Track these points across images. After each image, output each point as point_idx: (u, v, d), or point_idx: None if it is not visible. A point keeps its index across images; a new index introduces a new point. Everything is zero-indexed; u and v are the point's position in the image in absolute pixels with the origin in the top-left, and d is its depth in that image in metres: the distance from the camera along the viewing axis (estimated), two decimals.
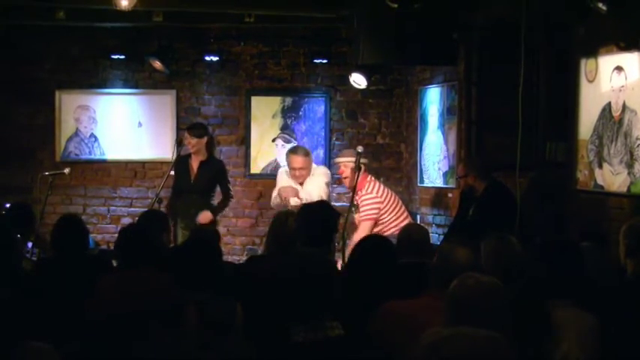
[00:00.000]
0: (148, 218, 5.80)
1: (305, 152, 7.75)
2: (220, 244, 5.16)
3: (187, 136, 7.77)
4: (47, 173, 7.97)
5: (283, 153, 8.47)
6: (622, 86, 6.05)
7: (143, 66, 9.50)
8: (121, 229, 5.06)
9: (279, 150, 9.41)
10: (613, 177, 6.15)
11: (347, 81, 8.86)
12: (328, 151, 9.61)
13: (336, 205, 7.87)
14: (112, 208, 9.67)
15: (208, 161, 7.81)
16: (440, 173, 8.60)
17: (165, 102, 9.61)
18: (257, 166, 9.70)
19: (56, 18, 8.17)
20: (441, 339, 2.21)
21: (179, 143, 7.97)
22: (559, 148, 7.00)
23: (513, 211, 6.08)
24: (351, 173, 7.31)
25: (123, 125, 9.58)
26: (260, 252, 8.75)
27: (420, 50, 7.30)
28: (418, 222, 8.50)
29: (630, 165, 5.95)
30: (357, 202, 7.46)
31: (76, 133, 9.56)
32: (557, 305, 3.71)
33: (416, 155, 9.17)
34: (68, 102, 9.54)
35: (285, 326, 3.19)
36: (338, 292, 3.26)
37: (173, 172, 7.87)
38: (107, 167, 9.64)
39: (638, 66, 5.88)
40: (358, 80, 8.58)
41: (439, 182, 8.64)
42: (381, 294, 3.93)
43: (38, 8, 8.33)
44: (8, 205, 7.00)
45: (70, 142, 9.55)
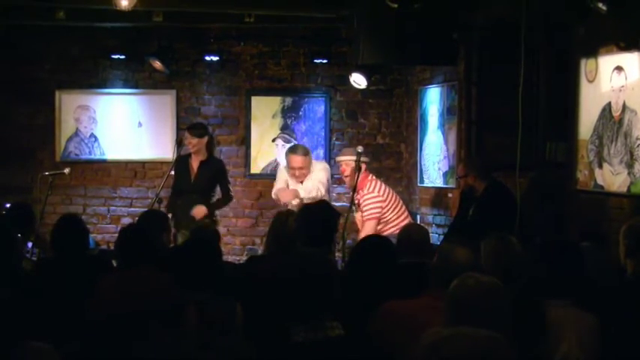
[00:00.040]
0: (148, 218, 5.80)
1: (304, 151, 7.75)
2: (220, 244, 5.17)
3: (188, 136, 7.76)
4: (47, 173, 7.96)
5: (283, 153, 8.47)
6: (622, 86, 6.05)
7: (143, 66, 9.50)
8: (121, 229, 5.05)
9: (279, 150, 9.41)
10: (613, 177, 6.14)
11: (347, 81, 8.85)
12: (328, 151, 9.61)
13: (336, 205, 7.88)
14: (112, 208, 9.67)
15: (208, 161, 7.81)
16: (440, 173, 8.59)
17: (165, 102, 9.61)
18: (257, 166, 9.70)
19: (56, 18, 8.16)
20: (441, 339, 2.21)
21: (179, 143, 7.96)
22: (559, 148, 7.00)
23: (513, 211, 6.08)
24: (352, 172, 7.31)
25: (123, 125, 9.58)
26: (260, 252, 8.75)
27: (420, 50, 7.29)
28: (418, 222, 8.50)
29: (630, 165, 5.95)
30: (358, 202, 7.45)
31: (76, 133, 9.56)
32: (557, 305, 3.71)
33: (416, 155, 9.17)
34: (68, 102, 9.54)
35: (285, 326, 3.19)
36: (338, 292, 3.26)
37: (173, 172, 7.87)
38: (107, 167, 9.64)
39: (638, 66, 5.87)
40: (358, 80, 8.57)
41: (439, 182, 8.64)
42: (381, 294, 3.93)
43: (38, 8, 8.33)
44: (8, 205, 7.00)
45: (70, 142, 9.55)
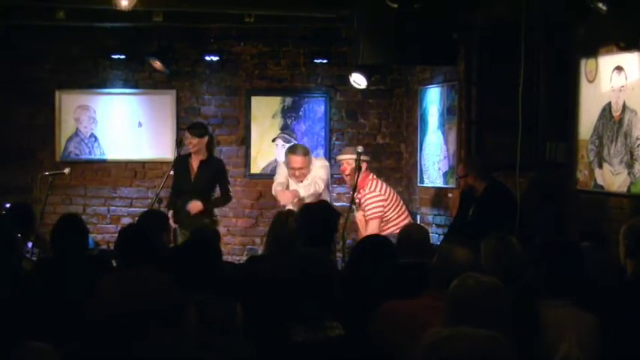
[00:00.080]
0: (148, 218, 5.81)
1: (304, 151, 7.73)
2: (220, 244, 5.17)
3: (188, 136, 7.75)
4: (47, 173, 7.96)
5: (283, 153, 8.46)
6: (622, 86, 6.05)
7: (143, 66, 9.50)
8: (121, 229, 5.05)
9: (279, 150, 9.40)
10: (613, 177, 6.14)
11: (347, 81, 8.85)
12: (328, 151, 9.61)
13: (336, 205, 7.89)
14: (112, 208, 9.67)
15: (208, 161, 7.80)
16: (440, 173, 8.59)
17: (165, 102, 9.61)
18: (257, 166, 9.70)
19: (56, 18, 8.16)
20: (441, 339, 2.21)
21: (179, 143, 7.95)
22: (559, 148, 7.00)
23: (513, 211, 6.08)
24: (353, 171, 7.31)
25: (123, 125, 9.58)
26: (260, 252, 8.75)
27: (420, 50, 7.29)
28: (418, 222, 8.50)
29: (630, 165, 5.95)
30: (359, 201, 7.46)
31: (76, 133, 9.56)
32: (557, 305, 3.72)
33: (416, 155, 9.17)
34: (68, 102, 9.54)
35: (285, 326, 3.18)
36: (338, 292, 3.26)
37: (172, 172, 7.86)
38: (107, 167, 9.64)
39: (638, 66, 5.87)
40: (358, 80, 8.57)
41: (439, 182, 8.63)
42: (381, 294, 3.93)
43: (38, 8, 8.33)
44: (8, 205, 7.00)
45: (70, 142, 9.55)
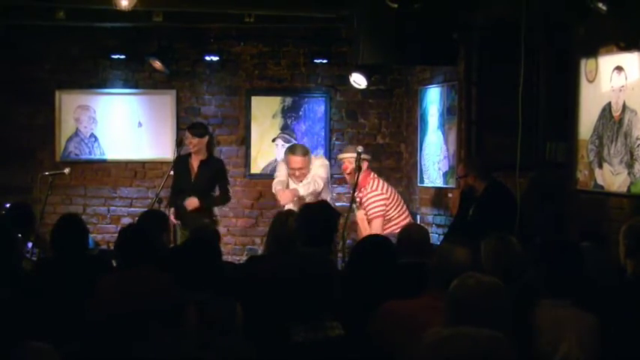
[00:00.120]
0: (148, 218, 5.81)
1: (304, 152, 7.71)
2: (220, 244, 5.17)
3: (189, 136, 7.75)
4: (47, 173, 7.96)
5: (283, 153, 8.46)
6: (622, 86, 6.05)
7: (143, 66, 9.50)
8: (121, 229, 5.05)
9: (279, 150, 9.40)
10: (613, 177, 6.14)
11: (347, 81, 8.85)
12: (328, 151, 9.60)
13: (336, 205, 7.88)
14: (112, 208, 9.67)
15: (208, 160, 7.80)
16: (440, 173, 8.59)
17: (165, 102, 9.61)
18: (257, 166, 9.70)
19: (56, 18, 8.16)
20: (442, 339, 2.21)
21: (179, 143, 7.95)
22: (559, 148, 7.00)
23: (513, 211, 6.08)
24: (354, 170, 7.31)
25: (123, 125, 9.57)
26: (260, 252, 8.75)
27: (420, 50, 7.29)
28: (418, 222, 8.50)
29: (630, 165, 5.95)
30: (360, 200, 7.46)
31: (76, 133, 9.56)
32: (557, 305, 3.72)
33: (416, 155, 9.17)
34: (68, 102, 9.54)
35: (285, 326, 3.18)
36: (338, 292, 3.26)
37: (172, 172, 7.86)
38: (107, 167, 9.64)
39: (638, 66, 5.87)
40: (358, 80, 8.57)
41: (439, 182, 8.63)
42: (381, 294, 3.93)
43: (38, 8, 8.32)
44: (8, 205, 7.00)
45: (70, 142, 9.55)
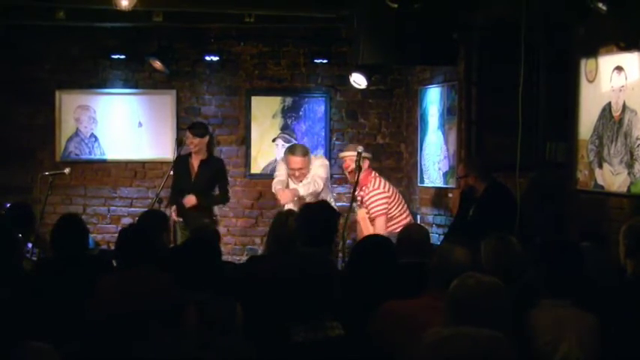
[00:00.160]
0: (148, 218, 5.81)
1: (303, 152, 7.70)
2: (220, 244, 5.17)
3: (189, 136, 7.74)
4: (47, 173, 7.96)
5: (283, 153, 8.46)
6: (622, 86, 6.05)
7: (143, 66, 9.50)
8: (121, 229, 5.05)
9: (279, 150, 9.40)
10: (613, 177, 6.14)
11: (347, 81, 8.85)
12: (328, 151, 9.60)
13: (337, 205, 7.88)
14: (112, 208, 9.67)
15: (209, 160, 7.80)
16: (440, 173, 8.59)
17: (165, 102, 9.61)
18: (257, 166, 9.70)
19: (56, 18, 8.16)
20: (442, 339, 2.21)
21: (179, 143, 7.95)
22: (559, 148, 7.00)
23: (513, 212, 6.08)
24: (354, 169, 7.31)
25: (123, 125, 9.58)
26: (260, 252, 8.76)
27: (420, 50, 7.29)
28: (418, 222, 8.50)
29: (630, 165, 5.95)
30: (362, 198, 7.47)
31: (76, 133, 9.56)
32: (557, 305, 3.72)
33: (416, 155, 9.17)
34: (68, 102, 9.54)
35: (285, 326, 3.18)
36: (338, 292, 3.26)
37: (172, 172, 7.85)
38: (107, 167, 9.64)
39: (638, 66, 5.87)
40: (358, 80, 8.57)
41: (439, 182, 8.64)
42: (381, 294, 3.93)
43: (38, 8, 8.32)
44: (8, 205, 7.00)
45: (70, 142, 9.55)
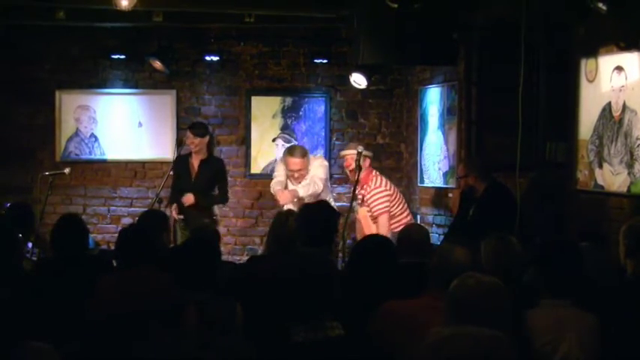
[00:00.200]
0: (148, 218, 5.81)
1: (302, 153, 7.66)
2: (220, 244, 5.17)
3: (190, 136, 7.74)
4: (47, 173, 7.96)
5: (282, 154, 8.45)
6: (622, 86, 6.05)
7: (143, 66, 9.50)
8: (121, 230, 5.05)
9: (279, 150, 9.39)
10: (613, 177, 6.14)
11: (347, 81, 8.85)
12: (328, 151, 9.61)
13: (336, 205, 7.88)
14: (112, 208, 9.67)
15: (209, 160, 7.80)
16: (440, 173, 8.59)
17: (165, 102, 9.61)
18: (257, 166, 9.70)
19: (56, 18, 8.16)
20: (443, 338, 2.21)
21: (179, 143, 7.95)
22: (559, 148, 7.00)
23: (513, 212, 6.08)
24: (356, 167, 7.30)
25: (123, 125, 9.58)
26: (260, 252, 8.75)
27: (420, 50, 7.29)
28: (418, 222, 8.50)
29: (630, 165, 5.95)
30: (363, 197, 7.46)
31: (76, 133, 9.56)
32: (557, 305, 3.72)
33: (416, 155, 9.17)
34: (68, 102, 9.54)
35: (285, 326, 3.19)
36: (338, 292, 3.26)
37: (172, 173, 7.85)
38: (107, 167, 9.64)
39: (638, 66, 5.87)
40: (358, 80, 8.57)
41: (439, 182, 8.64)
42: (381, 294, 3.93)
43: (38, 8, 8.32)
44: (8, 205, 6.99)
45: (70, 142, 9.55)
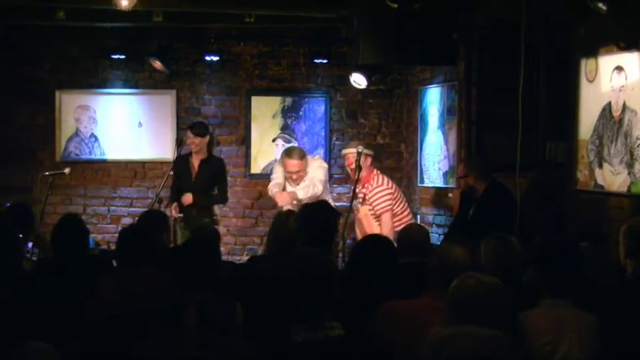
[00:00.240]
0: (148, 218, 5.81)
1: (300, 155, 7.64)
2: (220, 244, 5.17)
3: (191, 135, 7.74)
4: (47, 173, 7.96)
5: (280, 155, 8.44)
6: (622, 86, 6.05)
7: (143, 66, 9.50)
8: (121, 230, 5.05)
9: (279, 150, 9.38)
10: (613, 177, 6.14)
11: (347, 81, 8.85)
12: (328, 151, 9.61)
13: (336, 205, 7.88)
14: (112, 208, 9.67)
15: (209, 160, 7.80)
16: (440, 173, 8.59)
17: (165, 102, 9.61)
18: (257, 166, 9.70)
19: (56, 18, 8.16)
20: (444, 338, 2.22)
21: (179, 143, 7.94)
22: (559, 148, 7.00)
23: (513, 212, 6.08)
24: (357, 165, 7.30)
25: (123, 125, 9.58)
26: (260, 252, 8.76)
27: (420, 50, 7.29)
28: (418, 222, 8.50)
29: (630, 165, 5.95)
30: (365, 195, 7.46)
31: (76, 133, 9.56)
32: (557, 305, 3.72)
33: (416, 155, 9.17)
34: (68, 102, 9.54)
35: (285, 326, 3.19)
36: (338, 292, 3.26)
37: (172, 173, 7.85)
38: (107, 167, 9.64)
39: (638, 66, 5.87)
40: (358, 80, 8.57)
41: (439, 182, 8.64)
42: (381, 294, 3.93)
43: (38, 8, 8.32)
44: (8, 205, 6.99)
45: (70, 142, 9.55)
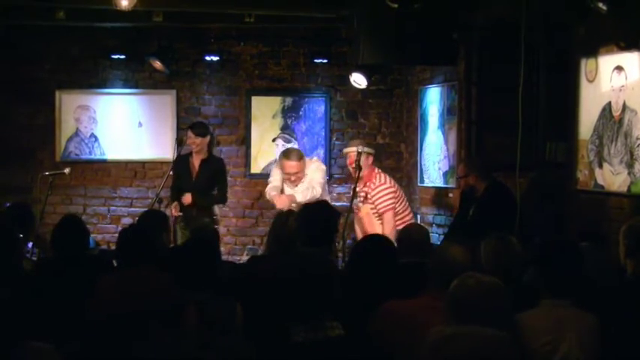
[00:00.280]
0: (148, 218, 5.81)
1: (298, 156, 7.59)
2: (220, 244, 5.17)
3: (191, 135, 7.73)
4: (47, 173, 7.95)
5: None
6: (622, 86, 6.05)
7: (143, 66, 9.50)
8: (122, 230, 5.06)
9: (279, 150, 9.38)
10: (613, 177, 6.14)
11: (347, 81, 8.85)
12: (328, 151, 9.61)
13: (336, 205, 7.88)
14: (112, 208, 9.67)
15: (209, 160, 7.80)
16: (440, 173, 8.60)
17: (165, 102, 9.61)
18: (257, 166, 9.70)
19: (56, 18, 8.16)
20: (445, 337, 2.22)
21: (179, 143, 7.94)
22: (559, 148, 7.00)
23: (513, 211, 6.08)
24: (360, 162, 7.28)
25: (123, 125, 9.58)
26: (260, 252, 8.76)
27: (420, 50, 7.29)
28: (418, 222, 8.50)
29: (630, 165, 5.95)
30: (366, 194, 7.45)
31: (76, 133, 9.56)
32: (557, 305, 3.72)
33: (416, 155, 9.17)
34: (68, 102, 9.54)
35: (285, 326, 3.19)
36: (338, 292, 3.26)
37: (172, 172, 7.85)
38: (107, 167, 9.64)
39: (638, 66, 5.87)
40: (358, 80, 8.57)
41: (439, 182, 8.64)
42: (381, 294, 3.93)
43: (38, 8, 8.32)
44: (8, 205, 6.99)
45: (70, 142, 9.55)
